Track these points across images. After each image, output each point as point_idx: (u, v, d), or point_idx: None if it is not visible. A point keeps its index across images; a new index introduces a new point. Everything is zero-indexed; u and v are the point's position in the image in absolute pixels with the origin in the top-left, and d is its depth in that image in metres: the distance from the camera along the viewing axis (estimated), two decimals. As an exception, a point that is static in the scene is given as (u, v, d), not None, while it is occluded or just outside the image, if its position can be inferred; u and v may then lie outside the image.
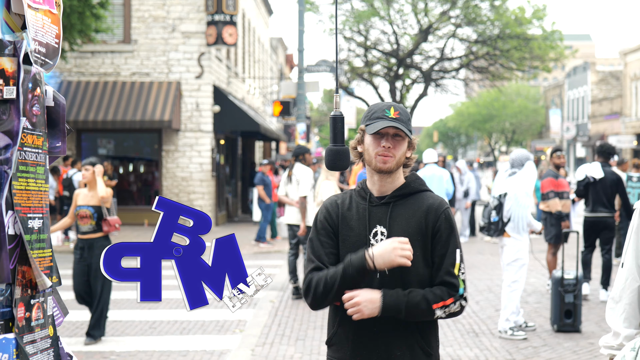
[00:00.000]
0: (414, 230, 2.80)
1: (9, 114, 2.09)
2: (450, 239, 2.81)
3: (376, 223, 2.84)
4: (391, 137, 2.82)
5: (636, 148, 42.17)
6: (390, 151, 2.81)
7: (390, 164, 2.82)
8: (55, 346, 2.28)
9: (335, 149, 2.78)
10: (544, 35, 29.06)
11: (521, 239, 7.85)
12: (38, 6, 2.21)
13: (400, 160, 2.85)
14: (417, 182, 2.91)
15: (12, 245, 2.09)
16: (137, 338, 7.81)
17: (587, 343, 7.57)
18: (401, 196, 2.87)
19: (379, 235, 2.82)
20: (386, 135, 2.82)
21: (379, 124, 2.81)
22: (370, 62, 30.98)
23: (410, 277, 2.79)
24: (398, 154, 2.83)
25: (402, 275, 2.78)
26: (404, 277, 2.78)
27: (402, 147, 2.84)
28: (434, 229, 2.81)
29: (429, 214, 2.82)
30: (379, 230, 2.83)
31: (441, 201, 2.87)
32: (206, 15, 19.92)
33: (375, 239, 2.82)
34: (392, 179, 2.87)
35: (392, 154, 2.82)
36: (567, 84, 58.75)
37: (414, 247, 2.76)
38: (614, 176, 9.87)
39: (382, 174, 2.85)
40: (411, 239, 2.77)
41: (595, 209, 9.87)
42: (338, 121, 2.79)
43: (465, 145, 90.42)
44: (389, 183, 2.87)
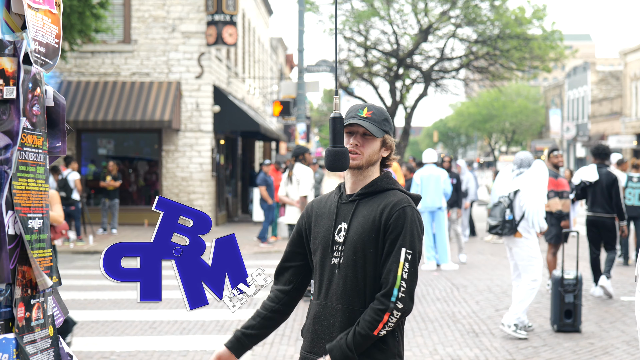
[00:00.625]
0: (369, 227, 2.84)
1: (9, 114, 2.09)
2: (398, 237, 2.79)
3: (341, 220, 2.92)
4: (360, 136, 2.90)
5: (636, 148, 42.17)
6: (358, 149, 2.89)
7: (359, 161, 2.89)
8: (56, 346, 2.28)
9: (334, 150, 2.81)
10: (544, 35, 29.05)
11: (532, 237, 7.88)
12: (38, 6, 2.21)
13: (372, 159, 2.91)
14: (384, 181, 2.94)
15: (12, 245, 2.09)
16: (137, 338, 7.81)
17: (587, 343, 7.56)
18: (367, 194, 2.92)
19: (342, 232, 2.89)
20: (355, 133, 2.91)
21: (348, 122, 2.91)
22: (370, 62, 30.97)
23: (362, 273, 2.84)
24: (367, 152, 2.89)
25: (356, 270, 2.84)
26: (357, 272, 2.84)
27: (372, 146, 2.90)
28: (386, 226, 2.82)
29: (384, 211, 2.84)
30: (342, 227, 2.90)
31: (401, 199, 2.86)
32: (206, 15, 19.92)
33: (338, 235, 2.89)
34: (363, 177, 2.94)
35: (360, 151, 2.89)
36: (567, 84, 58.75)
37: (368, 244, 2.82)
38: (609, 177, 10.05)
39: (353, 170, 2.92)
40: (366, 236, 2.83)
41: (594, 209, 10.12)
42: (337, 123, 2.82)
43: (465, 145, 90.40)
44: (360, 181, 2.94)
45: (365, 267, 2.83)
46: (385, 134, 2.93)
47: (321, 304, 2.89)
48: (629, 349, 7.30)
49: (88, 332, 8.09)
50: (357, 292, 2.82)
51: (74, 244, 15.61)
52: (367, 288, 2.82)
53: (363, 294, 2.82)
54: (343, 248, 2.87)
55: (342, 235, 2.89)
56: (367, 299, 2.82)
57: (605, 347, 7.41)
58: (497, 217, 7.89)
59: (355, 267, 2.84)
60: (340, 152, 2.80)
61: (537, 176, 7.86)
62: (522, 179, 7.92)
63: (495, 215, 7.92)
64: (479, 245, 16.53)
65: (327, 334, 2.85)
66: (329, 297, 2.87)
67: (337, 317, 2.84)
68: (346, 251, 2.86)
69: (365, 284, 2.82)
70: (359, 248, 2.83)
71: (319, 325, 2.88)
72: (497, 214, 7.90)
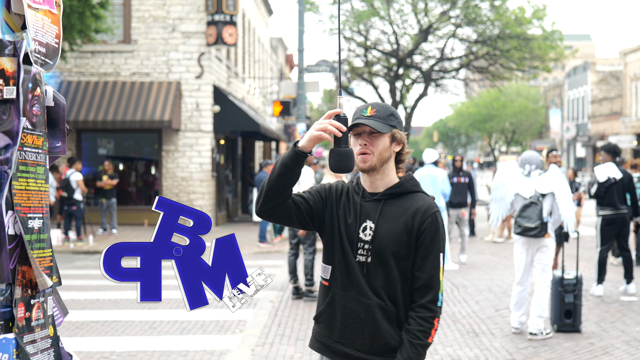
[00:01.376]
0: (401, 229, 2.88)
1: (9, 114, 2.09)
2: (433, 242, 2.88)
3: (366, 218, 2.92)
4: (367, 135, 2.89)
5: (636, 148, 42.18)
6: (367, 148, 2.88)
7: (370, 162, 2.89)
8: (56, 346, 2.28)
9: (339, 150, 2.80)
10: (544, 35, 29.06)
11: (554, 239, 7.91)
12: (38, 6, 2.21)
13: (383, 156, 2.90)
14: (410, 183, 2.97)
15: (12, 245, 2.09)
16: (137, 338, 7.81)
17: (587, 343, 7.56)
18: (393, 195, 2.94)
19: (368, 230, 2.90)
20: (362, 133, 2.90)
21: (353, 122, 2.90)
22: (370, 62, 30.98)
23: (392, 274, 2.89)
24: (377, 151, 2.88)
25: (386, 270, 2.88)
26: (387, 272, 2.89)
27: (381, 143, 2.89)
28: (419, 231, 2.87)
29: (417, 216, 2.88)
30: (368, 225, 2.90)
31: (431, 204, 2.93)
32: (206, 15, 19.92)
33: (364, 233, 2.90)
34: (381, 176, 2.94)
35: (370, 151, 2.88)
36: (567, 84, 58.74)
37: (399, 246, 2.87)
38: (627, 175, 10.17)
39: (367, 172, 2.93)
40: (398, 238, 2.87)
41: (615, 207, 10.08)
42: (342, 123, 2.81)
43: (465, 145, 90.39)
44: (379, 180, 2.95)
45: (396, 267, 2.88)
46: (392, 128, 2.91)
47: (351, 297, 2.90)
48: (629, 349, 7.30)
49: (88, 332, 8.08)
50: (387, 290, 2.88)
51: (74, 244, 15.60)
52: (398, 286, 2.89)
53: (394, 291, 2.89)
54: (370, 247, 2.89)
55: (368, 234, 2.90)
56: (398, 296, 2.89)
57: (605, 347, 7.41)
58: (534, 219, 7.62)
59: (386, 267, 2.88)
60: (345, 153, 2.79)
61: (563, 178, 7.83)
62: (547, 181, 7.79)
63: (532, 217, 7.64)
64: (479, 245, 16.53)
65: (358, 327, 2.89)
66: (358, 291, 2.90)
67: (369, 312, 2.88)
68: (375, 250, 2.88)
69: (396, 283, 2.88)
70: (390, 249, 2.87)
71: (349, 317, 2.91)
72: (533, 215, 7.63)
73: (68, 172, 15.60)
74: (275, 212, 2.88)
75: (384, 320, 2.87)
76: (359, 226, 2.91)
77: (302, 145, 2.82)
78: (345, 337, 2.92)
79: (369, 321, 2.88)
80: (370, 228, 2.89)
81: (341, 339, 2.93)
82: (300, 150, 2.82)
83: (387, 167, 2.94)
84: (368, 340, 2.88)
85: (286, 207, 2.89)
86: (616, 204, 10.06)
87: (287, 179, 2.84)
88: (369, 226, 2.90)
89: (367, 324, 2.88)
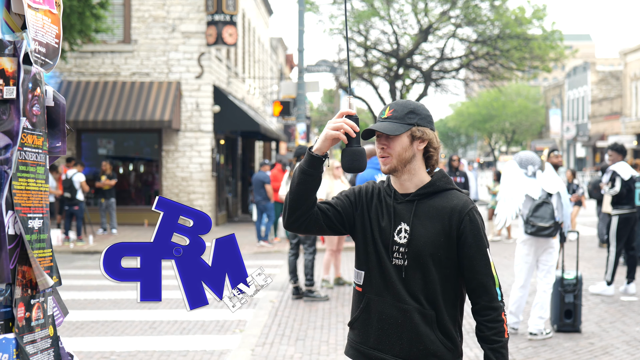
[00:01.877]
0: (438, 230, 2.80)
1: (9, 114, 2.09)
2: (477, 240, 2.79)
3: (400, 220, 2.84)
4: (384, 138, 2.83)
5: (636, 148, 42.17)
6: (385, 151, 2.82)
7: (390, 164, 2.82)
8: (56, 346, 2.28)
9: (351, 150, 2.75)
10: (544, 35, 29.07)
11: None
12: (38, 6, 2.21)
13: (403, 157, 2.82)
14: (442, 181, 2.88)
15: (12, 245, 2.09)
16: (137, 338, 7.81)
17: (587, 343, 7.56)
18: (426, 194, 2.85)
19: (403, 233, 2.82)
20: (381, 136, 2.84)
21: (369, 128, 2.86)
22: (370, 62, 30.99)
23: (431, 276, 2.81)
24: (395, 152, 2.81)
25: (424, 273, 2.80)
26: (425, 275, 2.81)
27: (398, 145, 2.81)
28: (459, 231, 2.79)
29: (453, 215, 2.80)
30: (403, 228, 2.83)
31: (466, 201, 2.84)
32: (206, 15, 19.92)
33: (399, 236, 2.82)
34: (408, 176, 2.86)
35: (388, 153, 2.82)
36: (567, 84, 58.73)
37: (437, 248, 2.78)
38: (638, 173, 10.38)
39: (392, 174, 2.86)
40: (435, 239, 2.79)
41: (630, 205, 10.14)
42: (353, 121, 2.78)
43: (465, 145, 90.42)
44: (407, 181, 2.86)
45: (435, 270, 2.80)
46: (410, 127, 2.81)
47: (388, 303, 2.83)
48: (629, 349, 7.30)
49: (88, 332, 8.08)
50: (426, 293, 2.81)
51: (74, 244, 15.60)
52: (438, 288, 2.82)
53: (433, 294, 2.81)
54: (407, 250, 2.80)
55: (403, 237, 2.82)
56: (438, 299, 2.82)
57: (605, 347, 7.41)
58: (547, 219, 7.59)
59: (424, 270, 2.79)
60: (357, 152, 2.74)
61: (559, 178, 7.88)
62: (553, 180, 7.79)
63: (545, 216, 7.60)
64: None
65: (396, 333, 2.82)
66: (394, 296, 2.82)
67: (407, 317, 2.81)
68: (411, 254, 2.80)
69: (435, 285, 2.81)
70: (428, 252, 2.78)
71: (385, 323, 2.83)
72: (546, 215, 7.60)
73: (69, 172, 15.60)
74: (303, 222, 2.82)
75: (423, 324, 2.80)
76: (393, 229, 2.83)
77: (317, 148, 2.75)
78: (382, 343, 2.84)
79: (407, 326, 2.81)
80: (405, 230, 2.81)
81: (377, 345, 2.85)
82: (315, 154, 2.75)
83: (412, 167, 2.85)
84: (407, 345, 2.81)
85: (313, 215, 2.82)
86: (630, 203, 10.14)
87: (308, 184, 2.77)
88: (403, 229, 2.82)
89: (405, 329, 2.81)
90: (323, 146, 2.74)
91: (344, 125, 2.72)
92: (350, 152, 2.76)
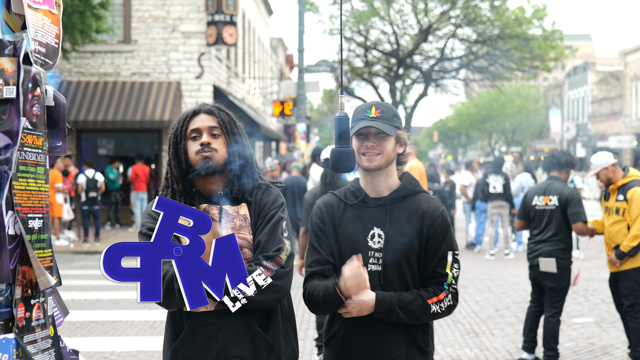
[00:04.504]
0: (411, 234, 2.83)
1: (9, 114, 2.09)
2: (443, 242, 2.84)
3: (373, 225, 2.86)
4: (373, 136, 2.85)
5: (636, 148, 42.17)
6: (375, 149, 2.84)
7: (378, 162, 2.85)
8: (56, 346, 2.28)
9: (340, 150, 2.75)
10: (544, 35, 29.05)
11: None
12: (38, 6, 2.21)
13: (390, 157, 2.88)
14: (412, 184, 2.94)
15: (12, 245, 2.09)
16: (137, 338, 7.81)
17: (587, 343, 7.57)
18: (397, 199, 2.89)
19: (376, 238, 2.84)
20: (368, 134, 2.85)
21: (359, 125, 2.85)
22: (370, 62, 30.98)
23: (407, 281, 2.84)
24: (386, 151, 2.85)
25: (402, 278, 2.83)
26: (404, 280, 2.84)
27: (389, 144, 2.86)
28: (429, 233, 2.83)
29: (425, 218, 2.84)
30: (377, 233, 2.84)
31: (436, 205, 2.90)
32: (206, 15, 19.93)
33: (372, 241, 2.84)
34: (384, 178, 2.90)
35: (379, 151, 2.85)
36: (567, 84, 58.74)
37: (411, 251, 2.82)
38: None
39: (372, 172, 2.87)
40: (409, 244, 2.82)
41: None
42: (343, 122, 2.77)
43: (465, 146, 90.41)
44: (382, 182, 2.90)
45: (411, 273, 2.83)
46: (397, 129, 2.88)
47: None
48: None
49: (88, 332, 8.09)
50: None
51: (73, 244, 15.61)
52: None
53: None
54: (382, 255, 2.82)
55: (377, 241, 2.83)
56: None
57: (605, 347, 7.40)
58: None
59: (401, 274, 2.82)
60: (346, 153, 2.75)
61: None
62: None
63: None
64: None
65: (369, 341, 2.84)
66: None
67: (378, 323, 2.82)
68: (387, 258, 2.81)
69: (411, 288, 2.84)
70: (403, 256, 2.81)
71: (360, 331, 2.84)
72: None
73: (90, 172, 15.63)
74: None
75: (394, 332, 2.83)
76: (367, 234, 2.85)
77: (349, 304, 2.77)
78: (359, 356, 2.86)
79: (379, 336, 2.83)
80: (379, 235, 2.84)
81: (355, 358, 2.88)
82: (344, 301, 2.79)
83: (390, 168, 2.91)
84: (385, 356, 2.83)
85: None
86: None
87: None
88: (377, 233, 2.84)
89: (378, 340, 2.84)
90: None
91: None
92: (339, 152, 2.76)
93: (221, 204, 2.80)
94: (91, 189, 15.51)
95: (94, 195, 15.51)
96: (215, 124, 2.89)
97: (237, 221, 2.79)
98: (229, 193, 2.82)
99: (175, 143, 2.93)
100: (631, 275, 6.33)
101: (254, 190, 2.85)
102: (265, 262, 2.71)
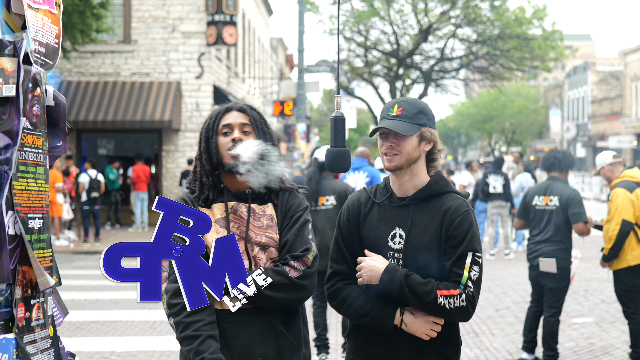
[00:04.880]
0: (432, 236, 2.74)
1: (9, 114, 2.09)
2: (462, 242, 2.71)
3: (395, 225, 2.78)
4: (393, 136, 2.76)
5: (636, 148, 42.18)
6: (394, 149, 2.75)
7: (397, 162, 2.75)
8: (56, 346, 2.28)
9: (335, 150, 2.73)
10: (544, 35, 29.05)
11: None
12: (38, 6, 2.21)
13: (411, 157, 2.75)
14: (439, 184, 2.81)
15: (12, 246, 2.09)
16: (137, 338, 7.81)
17: (587, 343, 7.56)
18: (422, 199, 2.78)
19: (397, 238, 2.77)
20: (388, 134, 2.77)
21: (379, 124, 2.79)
22: (370, 62, 30.98)
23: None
24: (405, 151, 2.74)
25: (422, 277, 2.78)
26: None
27: (409, 144, 2.74)
28: (448, 233, 2.72)
29: (446, 218, 2.73)
30: (398, 233, 2.77)
31: (460, 203, 2.76)
32: (206, 15, 19.92)
33: (393, 241, 2.77)
34: (410, 177, 2.79)
35: (397, 151, 2.75)
36: (567, 84, 58.74)
37: (432, 253, 2.73)
38: None
39: (395, 172, 2.79)
40: (429, 245, 2.73)
41: None
42: (339, 122, 2.75)
43: (465, 146, 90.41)
44: (408, 182, 2.80)
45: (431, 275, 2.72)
46: (420, 127, 2.75)
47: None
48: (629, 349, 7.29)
49: (88, 332, 8.09)
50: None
51: (73, 244, 15.61)
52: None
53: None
54: (402, 256, 2.75)
55: (397, 242, 2.76)
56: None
57: (605, 347, 7.40)
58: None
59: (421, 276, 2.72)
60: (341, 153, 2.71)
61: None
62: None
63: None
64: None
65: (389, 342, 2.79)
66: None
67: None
68: (407, 260, 2.74)
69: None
70: (423, 257, 2.73)
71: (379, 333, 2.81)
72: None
73: (92, 172, 15.64)
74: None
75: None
76: (388, 234, 2.78)
77: (406, 330, 2.77)
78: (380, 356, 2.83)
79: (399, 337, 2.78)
80: (401, 236, 2.76)
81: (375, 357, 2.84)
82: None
83: (416, 167, 2.78)
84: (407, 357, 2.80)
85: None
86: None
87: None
88: (398, 234, 2.76)
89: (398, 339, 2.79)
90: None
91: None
92: (335, 152, 2.73)
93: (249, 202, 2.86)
94: (94, 189, 15.54)
95: (95, 196, 15.54)
96: (246, 121, 2.95)
97: (264, 220, 2.86)
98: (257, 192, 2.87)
99: (207, 137, 2.96)
100: (619, 276, 6.35)
101: (280, 192, 2.91)
102: (292, 261, 2.77)
